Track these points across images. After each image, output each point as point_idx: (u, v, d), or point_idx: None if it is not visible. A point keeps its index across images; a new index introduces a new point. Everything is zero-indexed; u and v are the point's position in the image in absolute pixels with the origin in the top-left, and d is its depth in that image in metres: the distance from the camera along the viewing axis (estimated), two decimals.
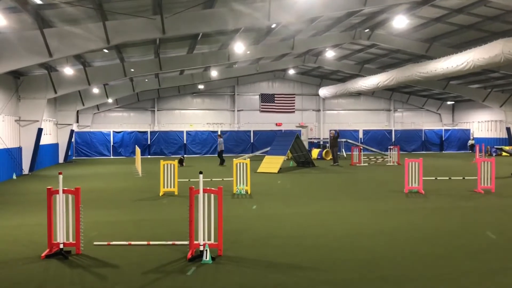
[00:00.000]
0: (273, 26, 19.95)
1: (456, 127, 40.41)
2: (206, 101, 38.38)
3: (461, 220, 9.91)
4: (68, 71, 20.42)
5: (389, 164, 25.56)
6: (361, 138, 37.90)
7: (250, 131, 36.77)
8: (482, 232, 8.61)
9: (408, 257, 7.03)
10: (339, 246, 7.72)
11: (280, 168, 21.03)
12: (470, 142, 38.02)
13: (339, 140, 26.83)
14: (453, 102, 41.00)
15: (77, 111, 32.25)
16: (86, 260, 6.92)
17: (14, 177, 19.60)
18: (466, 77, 29.86)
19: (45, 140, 24.72)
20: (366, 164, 25.43)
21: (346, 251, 7.37)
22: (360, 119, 40.40)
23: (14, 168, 20.01)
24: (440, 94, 38.32)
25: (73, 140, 32.03)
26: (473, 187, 14.33)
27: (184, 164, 25.04)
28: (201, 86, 36.06)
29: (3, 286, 5.83)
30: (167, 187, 14.04)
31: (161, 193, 13.88)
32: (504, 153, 31.76)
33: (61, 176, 7.13)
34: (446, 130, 39.32)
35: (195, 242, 7.04)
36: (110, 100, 32.50)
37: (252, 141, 36.44)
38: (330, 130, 27.20)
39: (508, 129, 33.85)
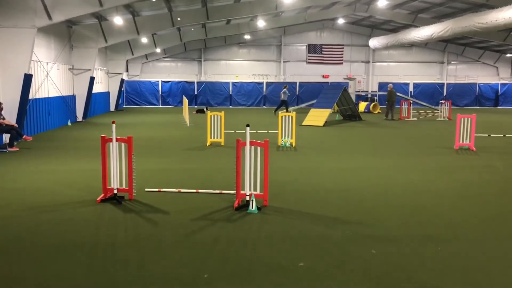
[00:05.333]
0: None
1: None
2: (252, 51, 37.99)
3: None
4: (118, 20, 20.66)
5: (439, 119, 24.77)
6: (411, 92, 36.71)
7: (296, 83, 36.35)
8: None
9: (455, 216, 6.94)
10: (384, 201, 7.70)
11: (326, 122, 20.86)
12: None
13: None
14: None
15: (127, 61, 32.88)
16: (138, 206, 7.28)
17: (69, 124, 20.51)
18: None
19: (97, 88, 25.53)
20: (415, 119, 24.77)
21: (391, 207, 7.36)
22: (411, 72, 38.90)
23: (69, 115, 20.90)
24: (499, 46, 36.05)
25: (123, 89, 32.89)
26: None
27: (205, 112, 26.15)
28: (247, 36, 35.63)
29: (64, 227, 6.26)
30: (214, 137, 14.31)
31: (208, 143, 14.18)
32: None
33: (114, 125, 7.40)
34: (503, 84, 37.33)
35: (242, 192, 7.23)
36: (158, 50, 32.83)
37: (297, 93, 36.10)
38: (388, 85, 26.17)
39: None
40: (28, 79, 14.53)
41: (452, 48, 38.61)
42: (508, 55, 38.53)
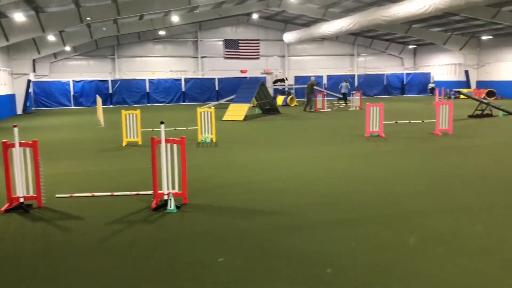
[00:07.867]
0: None
1: (417, 71, 41.04)
2: (168, 47, 37.32)
3: (419, 161, 10.28)
4: (19, 17, 19.27)
5: (352, 109, 25.94)
6: (325, 84, 38.04)
7: (214, 79, 36.22)
8: (440, 173, 9.00)
9: (365, 199, 7.29)
10: (303, 190, 7.91)
11: (246, 116, 21.03)
12: (430, 85, 38.80)
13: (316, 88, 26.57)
14: (415, 46, 41.37)
15: (33, 60, 30.81)
16: (48, 213, 6.85)
17: None
18: (428, 20, 30.05)
19: (0, 90, 23.68)
20: (329, 110, 25.74)
21: (310, 195, 7.57)
22: (324, 65, 40.37)
23: None
24: (403, 38, 38.54)
25: (31, 90, 30.80)
26: (432, 129, 14.80)
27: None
28: (162, 32, 34.88)
29: None
30: (130, 137, 13.86)
31: (124, 143, 13.71)
32: (461, 96, 32.58)
33: (16, 129, 6.90)
34: (408, 74, 39.91)
35: (159, 191, 7.06)
36: (67, 48, 31.15)
37: (217, 88, 36.01)
38: (311, 77, 26.72)
39: (466, 72, 34.72)
40: None
41: (361, 41, 40.61)
42: (411, 46, 41.27)
